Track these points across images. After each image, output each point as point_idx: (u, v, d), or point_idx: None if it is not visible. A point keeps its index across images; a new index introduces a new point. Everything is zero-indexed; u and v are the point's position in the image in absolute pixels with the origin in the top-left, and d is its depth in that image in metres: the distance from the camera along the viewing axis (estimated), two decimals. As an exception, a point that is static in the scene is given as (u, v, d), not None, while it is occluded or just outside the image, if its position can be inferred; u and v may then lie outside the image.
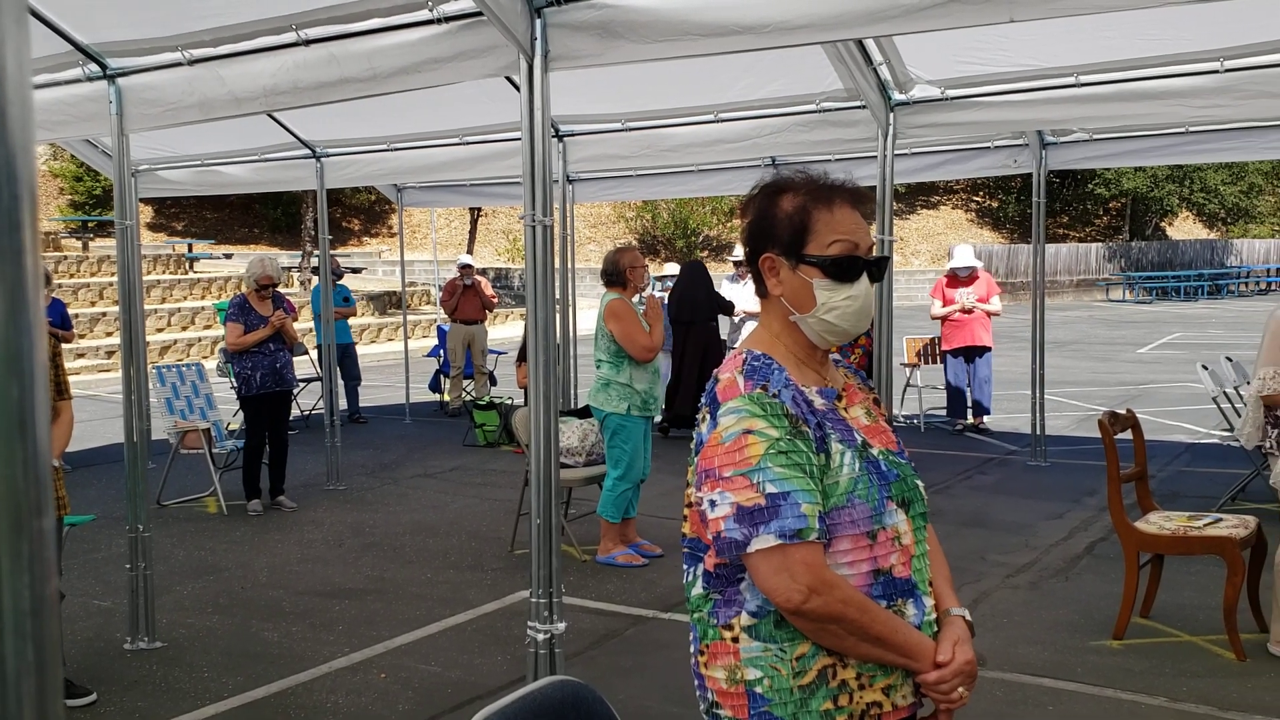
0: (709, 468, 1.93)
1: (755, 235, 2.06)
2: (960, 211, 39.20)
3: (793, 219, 2.01)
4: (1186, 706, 4.51)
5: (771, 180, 2.08)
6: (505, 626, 5.65)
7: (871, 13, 3.98)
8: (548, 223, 4.27)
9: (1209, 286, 34.53)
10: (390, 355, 19.78)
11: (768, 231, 2.04)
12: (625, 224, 36.29)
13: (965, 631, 2.04)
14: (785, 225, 2.01)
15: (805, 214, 2.00)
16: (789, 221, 2.01)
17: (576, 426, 7.16)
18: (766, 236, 2.04)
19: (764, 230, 2.04)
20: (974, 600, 5.87)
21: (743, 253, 2.13)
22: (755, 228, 2.06)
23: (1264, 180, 38.75)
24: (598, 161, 8.52)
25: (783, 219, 2.02)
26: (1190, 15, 5.43)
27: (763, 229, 2.04)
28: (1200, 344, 19.54)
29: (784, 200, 2.03)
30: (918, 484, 2.07)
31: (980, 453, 10.20)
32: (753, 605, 1.95)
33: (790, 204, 2.02)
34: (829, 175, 2.06)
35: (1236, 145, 8.83)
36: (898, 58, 6.27)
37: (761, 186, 2.09)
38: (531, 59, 4.25)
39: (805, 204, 2.01)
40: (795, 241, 2.01)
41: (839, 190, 2.03)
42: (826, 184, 2.03)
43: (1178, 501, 7.63)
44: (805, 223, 2.00)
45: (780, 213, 2.02)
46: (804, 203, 2.01)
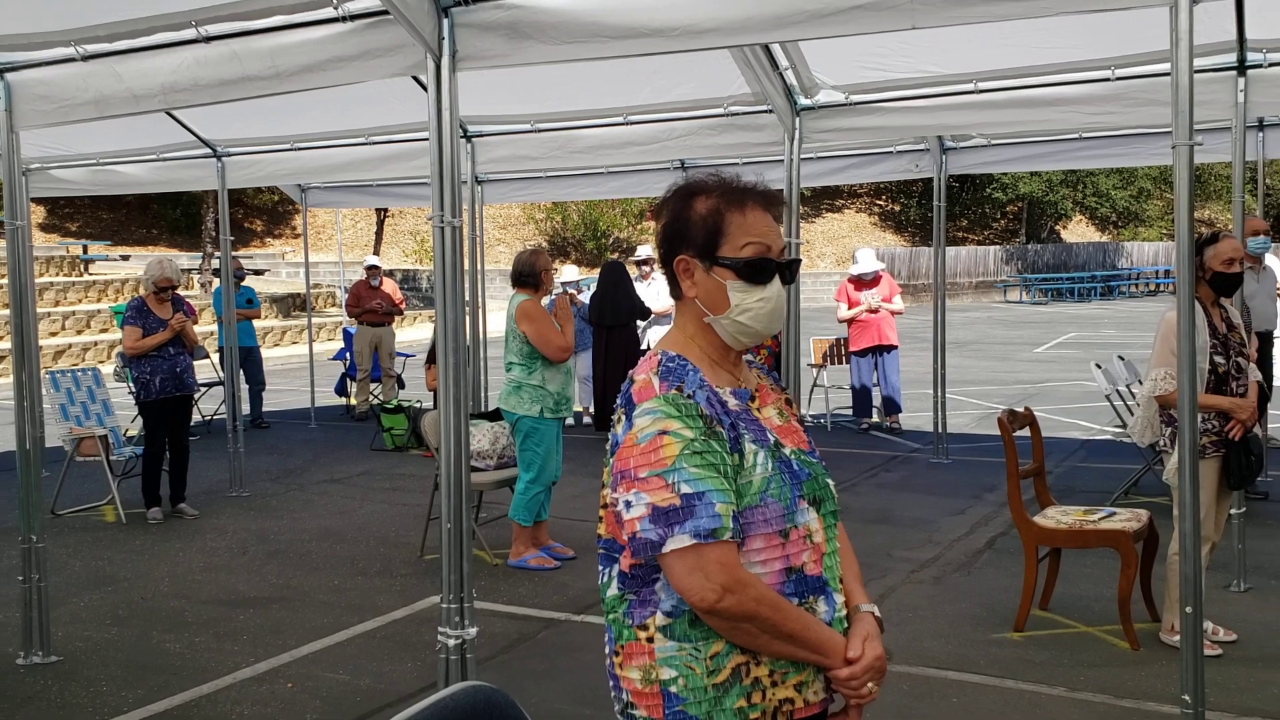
0: (624, 469, 1.94)
1: (669, 237, 2.08)
2: (864, 215, 39.88)
3: (706, 221, 2.03)
4: (1084, 695, 4.65)
5: (685, 183, 2.10)
6: (415, 633, 5.59)
7: (777, 18, 4.03)
8: (456, 224, 4.24)
9: (1101, 288, 35.64)
10: (294, 358, 19.43)
11: (682, 234, 2.05)
12: (535, 225, 36.14)
13: (875, 628, 2.08)
14: (699, 227, 2.03)
15: (719, 216, 2.02)
16: (703, 224, 2.03)
17: (487, 429, 7.11)
18: (681, 239, 2.05)
19: (678, 232, 2.06)
20: (880, 596, 5.98)
21: (656, 255, 2.15)
22: (670, 230, 2.08)
23: (1152, 185, 40.15)
24: (507, 162, 8.47)
25: (697, 221, 2.04)
26: (1083, 25, 5.60)
27: (677, 231, 2.06)
28: (1094, 343, 20.17)
29: (698, 203, 2.05)
30: (828, 483, 2.11)
31: (885, 451, 10.39)
32: (668, 605, 1.96)
33: (704, 206, 2.04)
34: (741, 178, 2.08)
35: (1127, 151, 9.16)
36: (803, 63, 6.36)
37: (675, 189, 2.10)
38: (439, 59, 4.21)
39: (719, 206, 2.03)
40: (709, 244, 2.03)
41: (751, 193, 2.05)
42: (739, 187, 2.06)
43: (1074, 496, 7.86)
44: (719, 225, 2.02)
45: (694, 215, 2.04)
46: (717, 205, 2.03)
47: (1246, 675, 4.80)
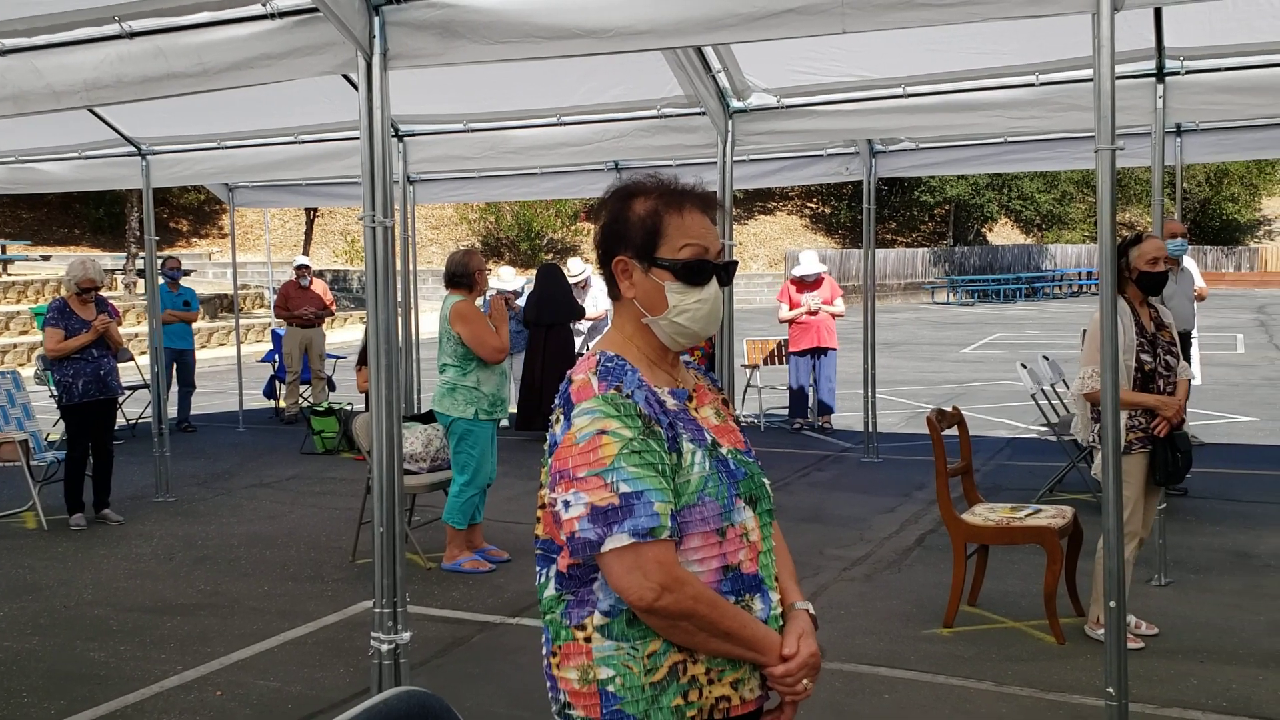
0: (563, 468, 1.94)
1: (608, 238, 2.09)
2: (795, 217, 40.23)
3: (645, 223, 2.04)
4: (1012, 690, 4.74)
5: (623, 184, 2.11)
6: (347, 638, 5.53)
7: (710, 21, 4.06)
8: (388, 224, 4.21)
9: (1026, 289, 36.32)
10: (222, 360, 19.09)
11: (620, 235, 2.06)
12: (468, 226, 35.91)
13: (809, 625, 2.11)
14: (638, 229, 2.05)
15: (657, 218, 2.04)
16: (641, 225, 2.04)
17: (420, 432, 7.05)
18: (619, 239, 2.07)
19: (617, 233, 2.07)
20: (813, 593, 6.04)
21: (594, 255, 2.15)
22: (608, 231, 2.09)
23: (1075, 188, 41.04)
24: (439, 162, 8.42)
25: (635, 222, 2.05)
26: (1008, 32, 5.71)
27: (615, 232, 2.07)
28: (1019, 344, 20.56)
29: (636, 204, 2.06)
30: (764, 482, 2.13)
31: (817, 450, 10.50)
32: (605, 604, 1.97)
33: (642, 208, 2.05)
34: (679, 179, 2.10)
35: (1051, 155, 9.35)
36: (736, 66, 6.41)
37: (614, 190, 2.11)
38: (370, 57, 4.18)
39: (657, 208, 2.05)
40: (647, 245, 2.04)
41: (689, 195, 2.07)
42: (677, 189, 2.08)
43: (1000, 494, 8.00)
44: (657, 226, 2.04)
45: (633, 216, 2.06)
46: (655, 207, 2.05)
47: (1167, 667, 4.93)
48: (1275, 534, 7.07)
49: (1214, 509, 7.76)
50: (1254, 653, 5.08)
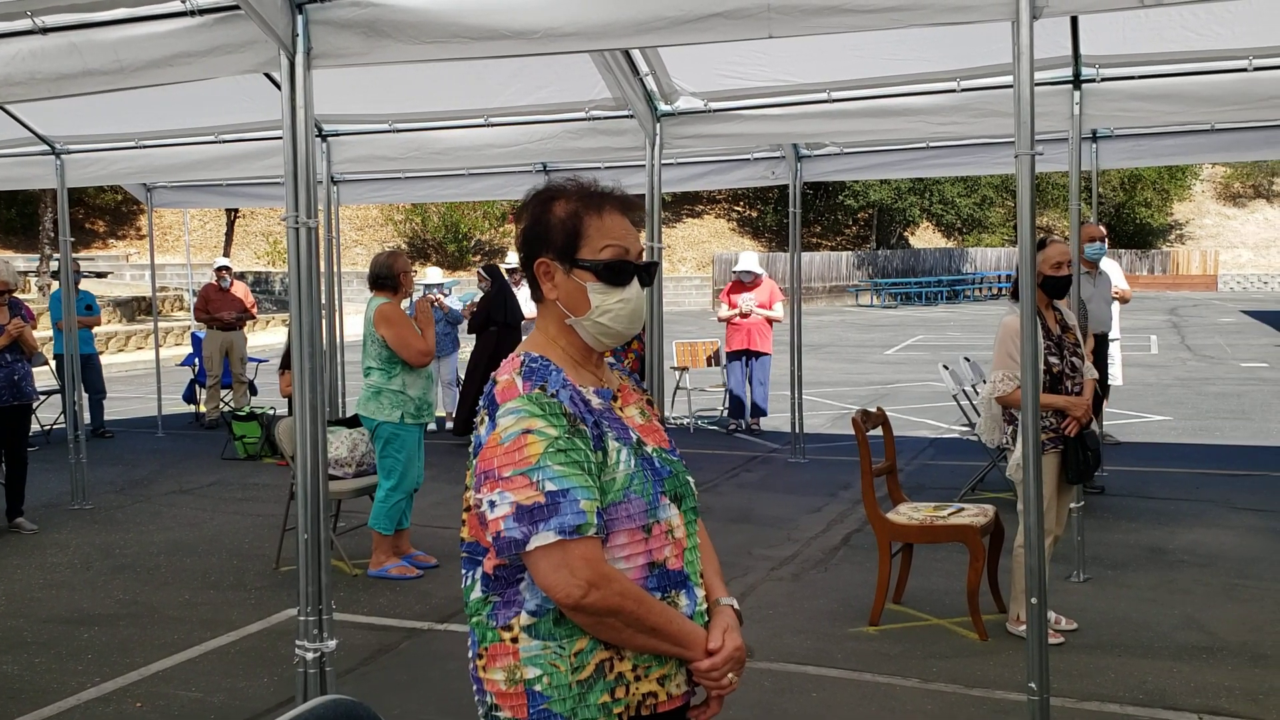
0: (488, 469, 1.94)
1: (530, 240, 2.10)
2: (723, 221, 40.50)
3: (566, 224, 2.06)
4: (937, 686, 4.82)
5: (544, 187, 2.12)
6: (272, 647, 5.43)
7: (637, 23, 4.07)
8: (312, 224, 4.15)
9: (947, 292, 37.00)
10: (140, 364, 18.66)
11: (542, 237, 2.08)
12: (394, 227, 35.59)
13: (734, 620, 2.13)
14: (559, 230, 2.06)
15: (578, 219, 2.05)
16: (562, 227, 2.06)
17: (345, 436, 6.95)
18: (541, 242, 2.08)
19: (538, 235, 2.08)
20: (741, 593, 6.08)
21: (518, 258, 2.15)
22: (530, 233, 2.10)
23: (994, 193, 41.89)
24: (364, 163, 8.33)
25: (556, 224, 2.06)
26: (930, 38, 5.82)
27: (537, 234, 2.08)
28: (941, 345, 20.92)
29: (556, 206, 2.08)
30: (689, 480, 2.15)
31: (745, 451, 10.57)
32: (532, 604, 1.97)
33: (563, 210, 2.07)
34: (599, 182, 2.12)
35: (971, 160, 9.54)
36: (663, 69, 6.44)
37: (535, 193, 2.13)
38: (293, 56, 4.12)
39: (578, 210, 2.06)
40: (569, 246, 2.05)
41: (609, 197, 2.09)
42: (597, 191, 2.10)
43: (924, 493, 8.13)
44: (578, 228, 2.05)
45: (554, 218, 2.07)
46: (576, 209, 2.06)
47: (1087, 662, 5.04)
48: (1188, 530, 7.28)
49: (1130, 506, 7.96)
50: (1168, 646, 5.22)
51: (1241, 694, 4.63)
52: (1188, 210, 47.57)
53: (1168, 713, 4.48)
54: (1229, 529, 7.28)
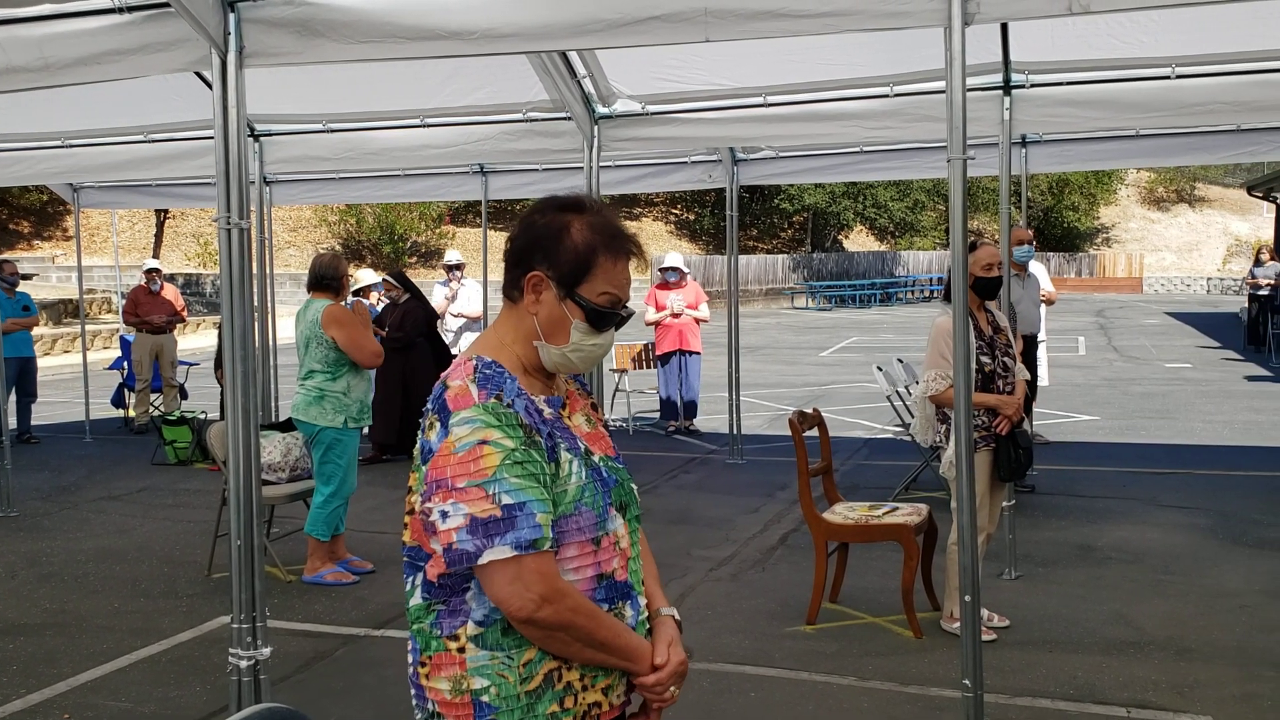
0: (440, 477, 1.90)
1: (532, 246, 2.03)
2: (661, 223, 40.61)
3: (579, 254, 2.01)
4: (873, 684, 4.87)
5: (569, 198, 2.07)
6: (204, 655, 5.34)
7: (575, 25, 4.07)
8: (244, 226, 4.09)
9: (881, 294, 37.45)
10: (67, 368, 18.24)
11: (548, 251, 2.02)
12: (328, 228, 35.15)
13: (676, 632, 2.14)
14: (569, 255, 2.01)
15: (593, 256, 2.01)
16: (575, 254, 2.01)
17: (279, 441, 6.85)
18: (544, 254, 2.02)
19: (545, 247, 2.02)
20: (680, 594, 6.10)
21: (504, 248, 2.09)
22: (536, 240, 2.03)
23: (926, 197, 42.52)
24: (297, 163, 8.22)
25: (569, 248, 2.01)
26: (864, 44, 5.89)
27: (544, 245, 2.02)
28: (874, 347, 21.17)
29: (575, 229, 2.02)
30: (633, 488, 2.15)
31: (684, 453, 10.60)
32: (479, 614, 1.95)
33: (581, 238, 2.01)
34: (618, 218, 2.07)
35: (903, 164, 9.67)
36: (600, 72, 6.44)
37: (556, 200, 2.07)
38: (224, 54, 4.06)
39: (596, 246, 2.01)
40: (573, 276, 2.01)
41: (626, 244, 2.05)
42: (619, 233, 2.05)
43: (859, 493, 8.23)
44: (590, 264, 2.01)
45: (568, 240, 2.01)
46: (596, 245, 2.01)
47: (1019, 658, 5.13)
48: (1115, 528, 7.44)
49: (1059, 505, 8.12)
50: (1097, 641, 5.33)
51: (1168, 687, 4.74)
52: (1114, 214, 48.68)
53: (1097, 707, 4.58)
54: (1154, 526, 7.46)
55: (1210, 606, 5.80)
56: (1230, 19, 5.56)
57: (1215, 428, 11.58)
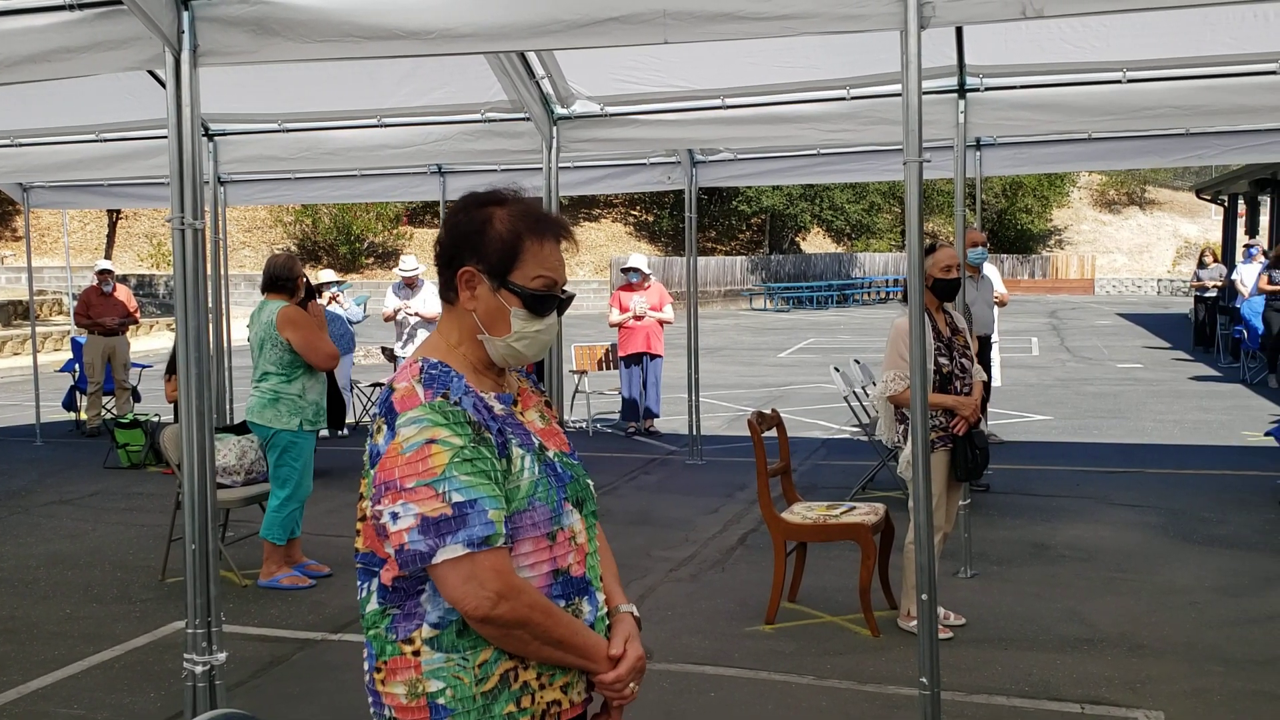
0: (389, 479, 1.90)
1: (459, 243, 2.04)
2: (620, 225, 40.61)
3: (505, 242, 2.01)
4: (831, 683, 4.90)
5: (486, 193, 2.07)
6: (158, 661, 5.27)
7: (533, 26, 4.06)
8: (198, 226, 4.04)
9: (838, 296, 37.66)
10: (17, 370, 17.93)
11: (475, 245, 2.02)
12: (283, 228, 34.84)
13: (635, 628, 2.14)
14: (495, 245, 2.01)
15: (518, 241, 2.01)
16: (500, 243, 2.01)
17: (234, 444, 6.77)
18: (472, 249, 2.02)
19: (471, 242, 2.03)
20: (641, 595, 6.10)
21: (434, 253, 2.09)
22: (462, 237, 2.04)
23: (882, 199, 42.84)
24: (252, 163, 8.14)
25: (494, 239, 2.01)
26: (821, 47, 5.93)
27: (470, 241, 2.03)
28: (832, 348, 21.29)
29: (498, 219, 2.02)
30: (589, 483, 2.15)
31: (644, 454, 10.61)
32: (434, 616, 1.94)
33: (504, 226, 2.02)
34: (540, 201, 2.09)
35: (860, 167, 9.75)
36: (559, 73, 6.44)
37: (475, 197, 2.07)
38: (178, 53, 4.01)
39: (520, 232, 2.01)
40: (502, 265, 2.01)
41: (552, 226, 2.05)
42: (542, 216, 2.06)
43: (817, 493, 8.27)
44: (517, 250, 2.01)
45: (492, 231, 2.02)
46: (519, 230, 2.02)
47: (975, 656, 5.18)
48: (1069, 526, 7.54)
49: (1014, 503, 8.21)
50: (1052, 639, 5.40)
51: (1121, 684, 4.81)
52: (1066, 216, 49.30)
53: (1052, 703, 4.63)
54: (1107, 524, 7.57)
55: (1162, 603, 5.89)
56: (1180, 24, 5.66)
57: (1166, 427, 11.77)
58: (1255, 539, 7.12)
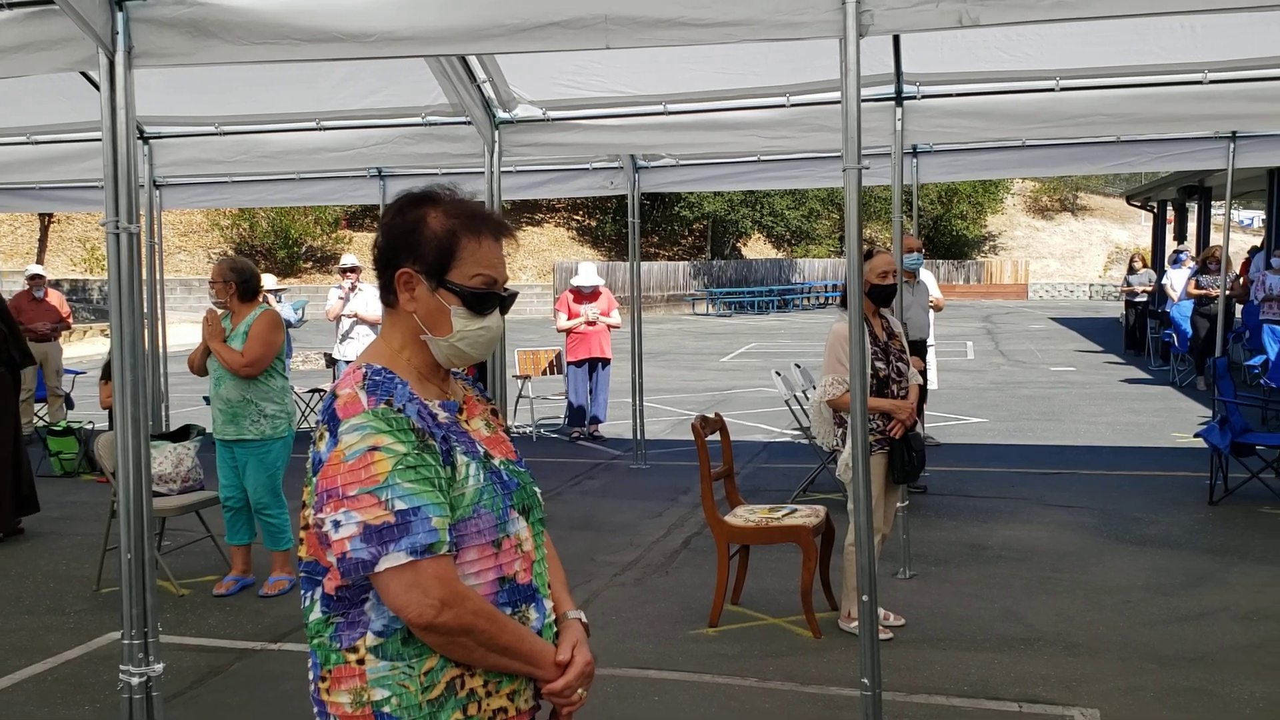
0: (331, 487, 1.88)
1: (394, 245, 2.02)
2: (563, 229, 40.56)
3: (441, 241, 2.00)
4: (773, 685, 4.94)
5: (421, 192, 2.05)
6: (93, 673, 5.17)
7: (475, 30, 4.05)
8: (133, 230, 3.98)
9: (778, 301, 37.96)
10: (-60, 379, 17.43)
11: (411, 246, 2.01)
12: (220, 232, 34.35)
13: (583, 634, 2.14)
14: (431, 245, 2.00)
15: (454, 239, 2.00)
16: (436, 243, 2.00)
17: (170, 451, 6.67)
18: (408, 250, 2.01)
19: (407, 243, 2.01)
20: (585, 600, 6.10)
21: (372, 255, 2.07)
22: (397, 238, 2.02)
23: (821, 206, 43.26)
24: (189, 166, 8.02)
25: (430, 238, 2.00)
26: (761, 54, 5.98)
27: (406, 242, 2.01)
28: (773, 353, 21.44)
29: (433, 218, 2.01)
30: (536, 491, 2.14)
31: (588, 459, 10.61)
32: (378, 625, 1.92)
33: (439, 225, 2.00)
34: (475, 199, 2.07)
35: (799, 174, 9.82)
36: (501, 77, 6.42)
37: (410, 196, 2.06)
38: (112, 54, 3.94)
39: (455, 229, 2.00)
40: (440, 265, 2.00)
41: (488, 223, 2.04)
42: (479, 213, 2.04)
43: (759, 495, 8.32)
44: (453, 249, 2.00)
45: (428, 231, 2.00)
46: (454, 228, 2.00)
47: (914, 656, 5.25)
48: (1005, 527, 7.66)
49: (951, 505, 8.33)
50: (989, 638, 5.48)
51: (1057, 682, 4.90)
52: (1000, 223, 50.14)
53: (990, 702, 4.70)
54: (1042, 525, 7.70)
55: (1096, 602, 6.01)
56: (1112, 35, 5.78)
57: (1098, 429, 12.00)
58: (1185, 538, 7.29)
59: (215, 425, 6.34)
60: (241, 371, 6.14)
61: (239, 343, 6.19)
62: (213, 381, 6.32)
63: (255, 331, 6.18)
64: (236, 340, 6.20)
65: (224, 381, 6.24)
